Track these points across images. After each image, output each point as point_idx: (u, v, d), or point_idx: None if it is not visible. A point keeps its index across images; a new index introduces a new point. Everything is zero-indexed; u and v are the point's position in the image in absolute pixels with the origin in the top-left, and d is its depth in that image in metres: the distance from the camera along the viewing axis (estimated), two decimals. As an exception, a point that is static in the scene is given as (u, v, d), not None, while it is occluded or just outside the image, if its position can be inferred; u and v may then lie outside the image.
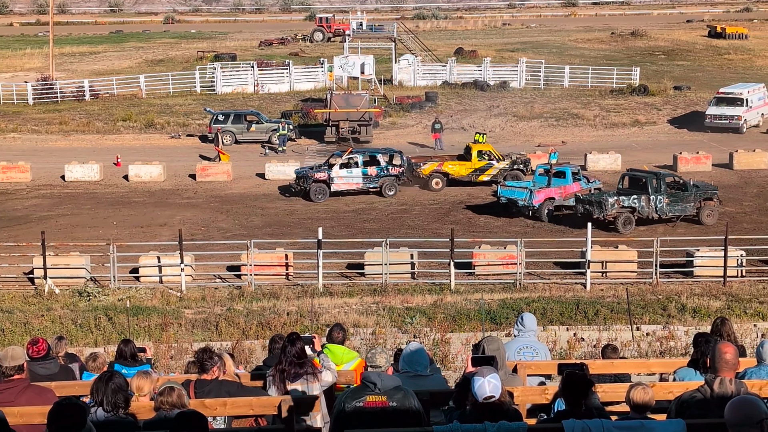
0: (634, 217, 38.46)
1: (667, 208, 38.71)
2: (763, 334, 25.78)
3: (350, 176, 45.01)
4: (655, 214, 38.71)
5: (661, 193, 38.60)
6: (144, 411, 9.28)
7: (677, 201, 38.76)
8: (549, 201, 40.44)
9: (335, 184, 44.78)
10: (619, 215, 38.30)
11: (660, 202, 38.53)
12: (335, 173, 44.83)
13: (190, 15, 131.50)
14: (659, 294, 31.16)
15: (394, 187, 45.30)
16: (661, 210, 38.66)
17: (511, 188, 41.25)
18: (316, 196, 44.51)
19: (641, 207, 38.38)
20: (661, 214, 38.79)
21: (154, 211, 43.39)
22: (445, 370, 23.61)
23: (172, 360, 24.65)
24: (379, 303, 30.50)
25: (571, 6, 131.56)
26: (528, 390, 10.70)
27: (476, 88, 69.34)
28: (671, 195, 38.82)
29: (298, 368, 10.89)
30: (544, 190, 40.59)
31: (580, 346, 26.28)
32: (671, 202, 38.71)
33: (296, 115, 61.99)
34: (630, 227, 38.28)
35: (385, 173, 45.30)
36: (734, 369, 8.55)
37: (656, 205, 38.52)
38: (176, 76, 72.82)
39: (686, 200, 38.83)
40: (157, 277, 33.69)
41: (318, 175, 44.78)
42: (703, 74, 75.43)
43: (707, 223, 38.43)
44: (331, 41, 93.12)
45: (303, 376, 10.86)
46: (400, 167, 45.60)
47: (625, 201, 38.40)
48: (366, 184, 45.21)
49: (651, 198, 38.43)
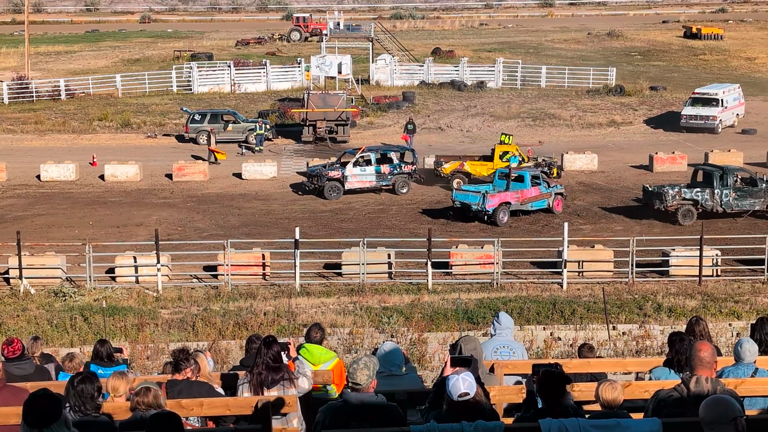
0: (696, 210, 38.81)
1: (733, 203, 38.98)
2: (738, 333, 25.90)
3: (364, 174, 45.21)
4: (720, 208, 38.98)
5: (728, 187, 38.86)
6: (120, 411, 9.25)
7: (745, 196, 39.02)
8: (505, 205, 39.85)
9: (349, 182, 44.95)
10: (680, 207, 38.81)
11: (726, 196, 38.84)
12: (349, 171, 44.98)
13: (166, 14, 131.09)
14: (635, 293, 31.28)
15: (406, 185, 45.47)
16: (726, 204, 38.94)
17: (466, 192, 40.80)
18: (330, 194, 44.62)
19: (704, 200, 38.81)
20: (726, 208, 39.01)
21: (131, 210, 43.22)
22: (422, 369, 23.61)
23: (149, 360, 24.55)
24: (356, 303, 30.49)
25: (548, 6, 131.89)
26: (505, 389, 10.73)
27: (453, 88, 69.41)
28: (739, 189, 39.02)
29: (275, 374, 10.77)
30: (499, 194, 39.97)
31: (556, 346, 26.32)
32: (739, 197, 38.97)
33: (273, 114, 61.88)
34: (690, 220, 38.73)
35: (398, 171, 45.47)
36: (711, 368, 8.59)
37: (722, 199, 38.83)
38: (152, 76, 72.57)
39: (755, 196, 39.07)
40: (133, 277, 33.56)
41: (332, 174, 44.88)
42: (679, 75, 75.78)
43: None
44: (308, 41, 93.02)
45: (280, 382, 10.76)
46: (412, 165, 45.77)
47: (687, 193, 38.85)
48: (379, 182, 45.41)
49: (716, 192, 38.77)
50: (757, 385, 10.39)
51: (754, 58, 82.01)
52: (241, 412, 9.92)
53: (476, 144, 56.26)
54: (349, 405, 8.94)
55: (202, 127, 56.23)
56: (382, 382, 10.24)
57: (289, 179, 48.60)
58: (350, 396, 8.99)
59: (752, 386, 10.33)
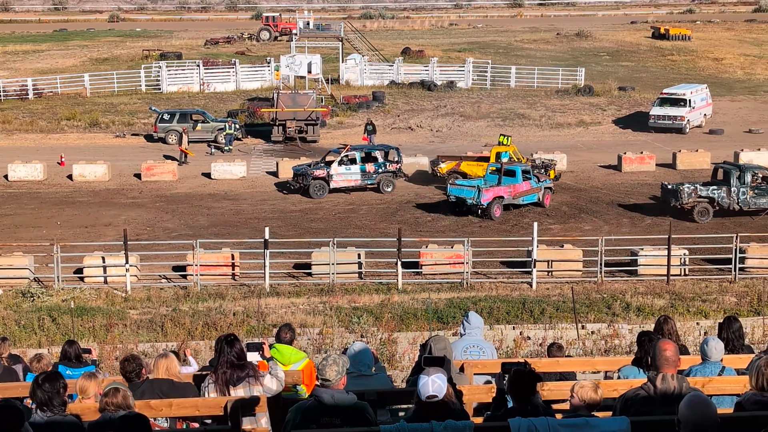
0: (713, 208, 39.08)
1: (751, 201, 39.27)
2: (706, 332, 26.08)
3: (349, 173, 45.32)
4: (736, 206, 39.25)
5: (745, 186, 39.10)
6: (89, 412, 9.20)
7: (763, 194, 39.27)
8: (498, 200, 40.69)
9: (334, 181, 45.02)
10: (696, 205, 39.10)
11: (743, 195, 39.10)
12: (334, 170, 45.02)
13: (135, 13, 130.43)
14: (604, 293, 31.45)
15: (391, 184, 45.60)
16: (744, 202, 39.25)
17: (461, 187, 41.41)
18: (316, 192, 44.62)
19: (721, 198, 39.13)
20: (743, 206, 39.27)
21: (99, 210, 42.99)
22: (392, 369, 23.63)
23: (117, 361, 24.41)
24: (326, 303, 30.49)
25: (518, 7, 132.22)
26: (475, 389, 10.75)
27: (423, 87, 69.47)
28: (756, 188, 39.24)
29: (240, 371, 10.73)
30: (493, 188, 40.83)
31: (526, 345, 26.41)
32: (756, 195, 39.24)
33: (243, 114, 61.72)
34: (707, 218, 39.07)
35: (382, 170, 45.52)
36: (675, 366, 8.67)
37: (738, 197, 39.10)
38: (121, 75, 72.18)
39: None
40: (101, 278, 33.40)
41: (317, 173, 44.88)
42: (647, 75, 76.18)
43: None
44: (277, 40, 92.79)
45: (245, 379, 10.71)
46: (397, 163, 45.83)
47: (703, 191, 39.16)
48: (364, 180, 45.52)
49: (732, 190, 39.04)
50: (724, 384, 10.47)
51: (721, 58, 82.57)
52: (211, 413, 9.88)
53: (446, 144, 56.36)
54: (320, 403, 8.94)
55: (171, 126, 56.02)
56: (352, 383, 10.23)
57: (259, 179, 48.52)
58: (323, 394, 8.98)
59: (719, 384, 10.41)
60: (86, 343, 24.28)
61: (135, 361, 11.11)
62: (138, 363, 11.10)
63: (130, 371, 10.99)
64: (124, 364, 11.13)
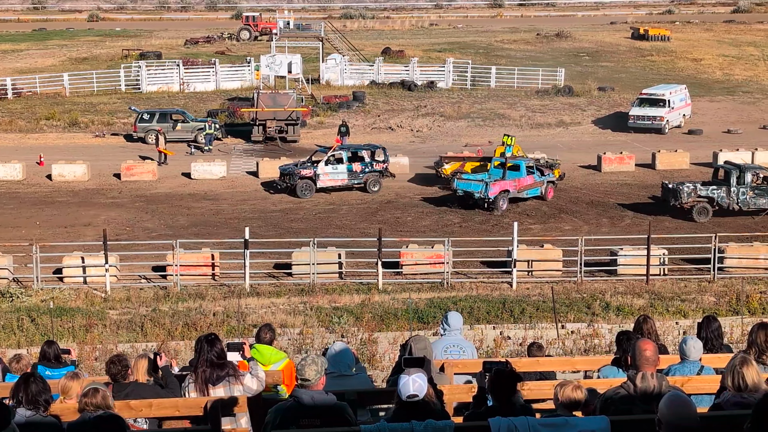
0: (712, 208, 39.26)
1: (750, 201, 39.38)
2: (685, 331, 26.20)
3: (336, 172, 45.34)
4: (736, 206, 39.39)
5: (745, 186, 39.23)
6: (69, 412, 9.17)
7: (763, 194, 39.38)
8: (504, 193, 41.63)
9: (321, 181, 45.03)
10: (695, 204, 39.32)
11: (743, 195, 39.23)
12: (321, 170, 45.00)
13: (114, 12, 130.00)
14: (584, 292, 31.54)
15: (377, 183, 45.62)
16: (743, 202, 39.36)
17: (468, 181, 42.20)
18: (303, 192, 44.60)
19: (720, 198, 39.30)
20: (743, 206, 39.40)
21: (78, 210, 42.83)
22: (372, 369, 23.64)
23: (97, 361, 24.34)
24: (306, 303, 30.47)
25: (498, 7, 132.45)
26: (455, 388, 10.76)
27: (403, 87, 69.49)
28: (756, 188, 39.36)
29: (219, 370, 10.72)
30: (499, 182, 41.74)
31: (506, 345, 26.45)
32: (756, 195, 39.36)
33: (223, 114, 61.60)
34: (706, 217, 39.27)
35: (369, 169, 45.53)
36: (655, 365, 8.71)
37: (738, 197, 39.24)
38: (101, 75, 71.90)
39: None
40: (81, 278, 33.29)
41: (304, 172, 44.85)
42: (627, 75, 76.42)
43: None
44: (257, 40, 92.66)
45: (225, 378, 10.70)
46: (383, 163, 45.85)
47: (703, 191, 39.34)
48: (351, 180, 45.52)
49: (732, 190, 39.17)
50: (703, 383, 10.51)
51: (700, 59, 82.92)
52: (191, 413, 9.86)
53: (426, 144, 56.41)
54: (300, 404, 8.93)
55: (151, 126, 55.88)
56: (332, 383, 10.23)
57: (239, 179, 48.46)
58: (302, 395, 8.98)
59: (699, 384, 10.45)
60: (65, 343, 24.19)
61: (121, 363, 11.09)
62: (124, 365, 11.08)
63: (116, 373, 10.97)
64: (110, 366, 11.09)
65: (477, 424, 8.40)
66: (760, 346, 11.15)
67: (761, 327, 11.36)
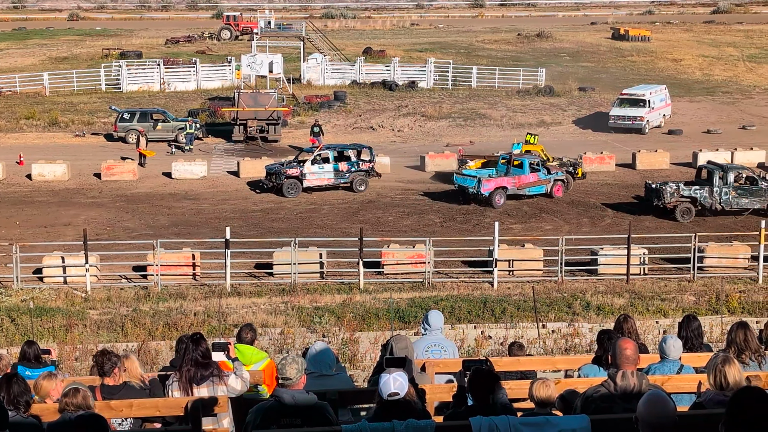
0: (695, 208, 39.47)
1: (733, 201, 39.51)
2: (665, 330, 26.31)
3: (322, 172, 45.32)
4: (718, 206, 39.55)
5: (728, 186, 39.35)
6: (49, 413, 9.15)
7: (745, 194, 39.52)
8: (501, 190, 42.09)
9: (307, 180, 45.02)
10: (678, 204, 39.52)
11: (725, 195, 39.37)
12: (307, 169, 44.92)
13: (95, 12, 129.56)
14: (564, 292, 31.62)
15: (364, 183, 45.62)
16: (725, 202, 39.51)
17: (464, 176, 42.88)
18: (289, 191, 44.58)
19: (703, 198, 39.47)
20: (725, 206, 39.54)
21: (58, 210, 42.67)
22: (353, 369, 23.65)
23: (77, 362, 24.28)
24: (287, 303, 30.45)
25: (479, 7, 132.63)
26: (436, 388, 10.78)
27: (385, 87, 69.53)
28: (739, 188, 39.50)
29: (204, 370, 10.71)
30: (495, 179, 42.23)
31: (487, 344, 26.51)
32: (738, 195, 39.49)
33: (204, 113, 61.47)
34: (689, 217, 39.43)
35: (355, 169, 45.52)
36: (635, 364, 8.75)
37: (721, 197, 39.38)
38: (81, 74, 71.65)
39: (755, 194, 39.55)
40: (61, 278, 33.16)
41: (290, 171, 44.81)
42: (607, 75, 76.65)
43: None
44: (238, 39, 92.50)
45: (209, 378, 10.69)
46: (369, 162, 45.83)
47: (685, 191, 39.55)
48: (337, 179, 45.50)
49: (715, 190, 39.31)
50: (683, 382, 10.56)
51: (680, 59, 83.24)
52: (172, 413, 9.85)
53: (407, 144, 56.43)
54: (281, 404, 8.93)
55: (132, 126, 55.71)
56: (313, 383, 10.23)
57: (219, 178, 48.37)
58: (283, 394, 8.98)
59: (678, 383, 10.50)
60: (45, 343, 24.10)
61: (111, 360, 11.05)
62: (114, 361, 11.04)
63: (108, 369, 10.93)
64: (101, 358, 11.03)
65: (458, 424, 8.42)
66: (739, 345, 11.21)
67: (740, 326, 11.42)
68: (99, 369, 10.97)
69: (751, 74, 78.03)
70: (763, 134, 58.09)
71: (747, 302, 30.33)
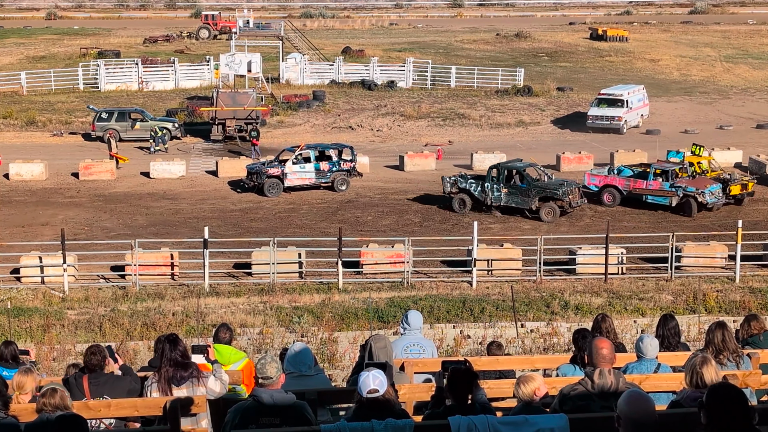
0: (470, 201, 41.11)
1: (504, 198, 40.67)
2: (643, 329, 26.41)
3: (303, 171, 45.30)
4: (489, 202, 40.77)
5: (499, 184, 40.65)
6: (26, 413, 9.11)
7: (516, 194, 40.47)
8: (610, 188, 42.48)
9: (288, 180, 44.99)
10: (454, 196, 41.54)
11: (496, 192, 40.67)
12: (288, 169, 44.83)
13: (72, 11, 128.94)
14: (543, 291, 31.70)
15: (345, 182, 45.58)
16: (497, 199, 40.78)
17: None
18: (270, 191, 44.49)
19: (478, 192, 41.03)
20: (497, 203, 40.77)
21: (36, 210, 42.48)
22: (332, 369, 23.65)
23: (55, 362, 24.20)
24: (266, 302, 30.41)
25: (458, 7, 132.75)
26: (415, 387, 10.79)
27: (364, 87, 69.56)
28: (511, 187, 40.54)
29: (183, 371, 10.67)
30: (605, 177, 42.90)
31: (466, 344, 26.56)
32: (509, 194, 40.56)
33: (182, 113, 61.31)
34: (463, 209, 41.16)
35: (336, 168, 45.46)
36: (611, 362, 8.80)
37: (492, 193, 40.71)
38: (58, 73, 71.35)
39: (525, 194, 40.43)
40: (38, 278, 33.01)
41: (271, 171, 44.72)
42: (585, 76, 76.90)
43: (546, 221, 39.92)
44: (217, 39, 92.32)
45: (189, 379, 10.66)
46: (351, 162, 45.78)
47: (462, 184, 41.37)
48: (318, 179, 45.48)
49: (487, 186, 40.50)
50: (660, 381, 10.61)
51: (657, 59, 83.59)
52: (150, 413, 9.83)
53: (386, 143, 56.44)
54: (260, 403, 8.93)
55: (110, 125, 55.51)
56: (292, 383, 10.22)
57: (198, 178, 48.25)
58: (262, 394, 8.97)
59: (656, 382, 10.55)
60: (23, 344, 23.98)
61: (101, 353, 11.05)
62: (103, 355, 11.04)
63: (96, 364, 10.92)
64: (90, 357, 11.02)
65: (437, 423, 8.43)
66: (717, 346, 11.28)
67: (719, 327, 11.48)
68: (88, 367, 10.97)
69: (728, 74, 78.43)
70: (739, 134, 58.42)
71: (724, 301, 30.49)
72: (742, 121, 62.61)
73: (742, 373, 10.82)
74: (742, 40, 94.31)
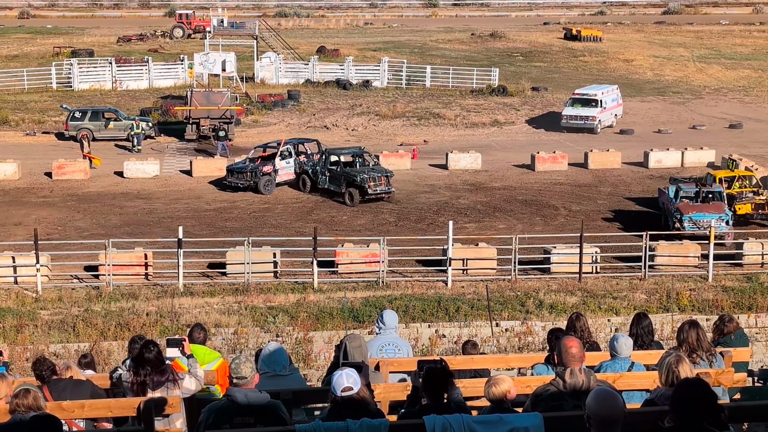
0: (309, 182, 44.82)
1: (327, 182, 44.13)
2: (617, 328, 26.54)
3: (288, 167, 45.64)
4: (320, 185, 44.40)
5: (324, 168, 44.18)
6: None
7: (334, 179, 43.74)
8: None
9: (279, 176, 45.15)
10: (301, 175, 45.19)
11: (321, 176, 44.34)
12: (279, 165, 45.10)
13: (46, 10, 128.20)
14: (518, 290, 31.78)
15: None
16: (323, 182, 44.28)
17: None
18: (266, 188, 44.66)
19: (313, 174, 44.72)
20: (323, 185, 44.25)
21: (9, 210, 42.22)
22: (307, 368, 23.65)
23: (28, 362, 24.03)
24: (241, 302, 30.35)
25: (432, 7, 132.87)
26: (390, 387, 10.80)
27: (339, 86, 69.49)
28: (332, 172, 43.86)
29: (160, 375, 10.62)
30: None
31: (441, 343, 26.62)
32: (330, 179, 43.94)
33: (156, 112, 61.06)
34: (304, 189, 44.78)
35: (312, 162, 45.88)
36: (581, 361, 8.84)
37: (318, 177, 44.43)
38: (31, 72, 70.87)
39: (337, 179, 43.49)
40: (11, 278, 32.82)
41: (265, 168, 44.84)
42: (560, 75, 77.12)
43: (347, 204, 42.58)
44: (191, 38, 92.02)
45: (164, 383, 10.60)
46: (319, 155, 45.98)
47: (306, 166, 45.05)
48: None
49: (318, 170, 44.48)
50: (634, 379, 10.67)
51: (631, 59, 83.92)
52: (124, 414, 9.79)
53: (361, 143, 56.38)
54: (234, 403, 8.91)
55: (83, 124, 55.23)
56: (267, 383, 10.21)
57: (172, 177, 48.09)
58: (236, 393, 8.96)
59: (630, 380, 10.60)
60: (-5, 344, 23.86)
61: (45, 363, 11.03)
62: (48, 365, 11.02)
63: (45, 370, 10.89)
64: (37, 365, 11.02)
65: (412, 422, 8.44)
66: (691, 345, 11.34)
67: (692, 326, 11.53)
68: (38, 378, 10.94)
69: (701, 74, 78.84)
70: (712, 134, 58.73)
71: (697, 300, 30.70)
72: (715, 121, 62.94)
73: (715, 372, 10.90)
74: (714, 41, 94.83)
